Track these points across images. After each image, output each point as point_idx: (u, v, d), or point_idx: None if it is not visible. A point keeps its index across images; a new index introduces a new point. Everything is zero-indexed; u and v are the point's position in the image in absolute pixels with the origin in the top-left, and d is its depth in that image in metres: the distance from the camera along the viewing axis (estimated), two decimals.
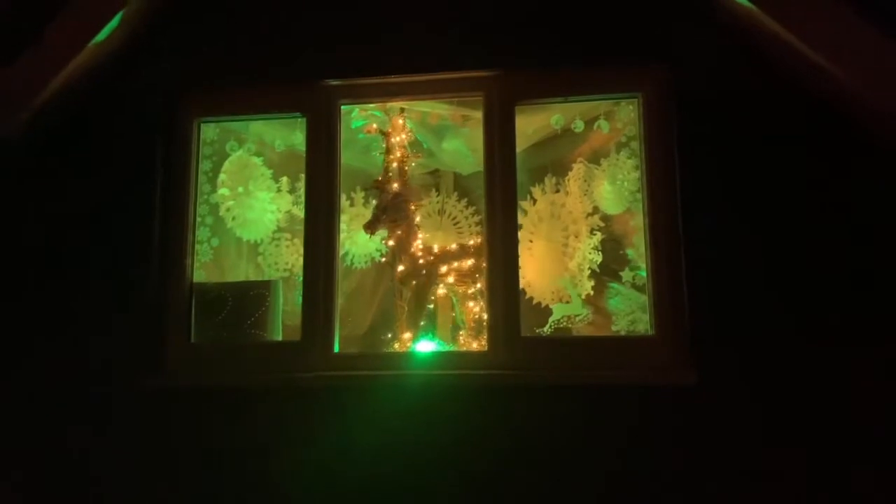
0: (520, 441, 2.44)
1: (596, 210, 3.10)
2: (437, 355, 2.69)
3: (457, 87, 2.75)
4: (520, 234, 3.37)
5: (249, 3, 2.79)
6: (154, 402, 2.60)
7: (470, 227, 3.72)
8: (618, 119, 2.85)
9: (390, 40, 2.70)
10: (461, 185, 3.97)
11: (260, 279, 3.18)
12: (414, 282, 3.00)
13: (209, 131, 2.94)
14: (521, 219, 3.39)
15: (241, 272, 3.28)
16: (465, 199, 3.75)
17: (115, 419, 2.59)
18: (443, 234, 3.81)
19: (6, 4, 2.56)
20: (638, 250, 2.91)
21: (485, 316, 3.07)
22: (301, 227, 3.19)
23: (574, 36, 2.61)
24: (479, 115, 2.95)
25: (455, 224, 3.80)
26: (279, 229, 3.31)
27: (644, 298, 2.74)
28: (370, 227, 2.95)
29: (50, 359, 2.64)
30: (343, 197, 3.63)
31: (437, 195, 3.97)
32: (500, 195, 2.64)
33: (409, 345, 2.93)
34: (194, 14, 2.79)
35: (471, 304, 3.29)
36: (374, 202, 3.15)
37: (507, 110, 2.67)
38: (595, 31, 2.60)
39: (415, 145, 3.50)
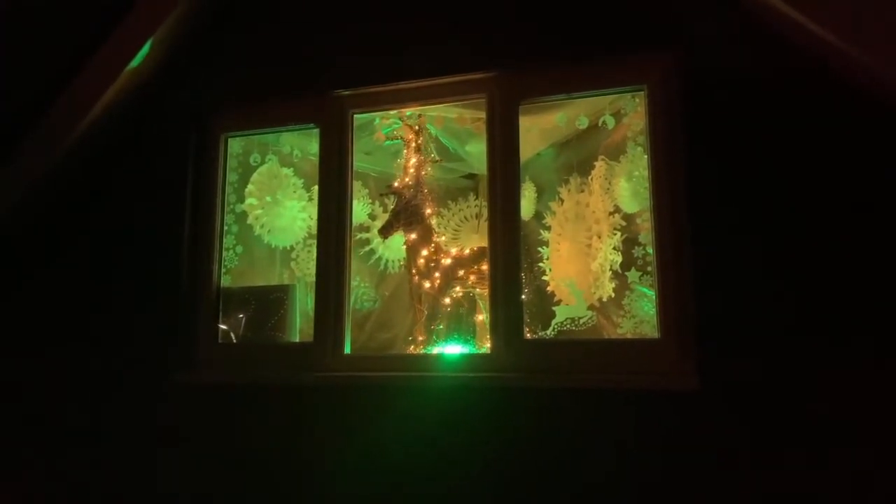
0: (521, 443, 2.41)
1: (617, 209, 2.99)
2: (441, 358, 2.70)
3: (461, 90, 2.75)
4: (549, 235, 3.37)
5: (267, 25, 2.95)
6: (183, 397, 2.80)
7: None
8: (629, 113, 2.73)
9: (395, 49, 2.75)
10: None
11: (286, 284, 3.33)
12: (427, 284, 3.02)
13: (234, 145, 3.13)
14: (549, 220, 3.37)
15: (274, 277, 3.44)
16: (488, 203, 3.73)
17: (147, 412, 2.82)
18: (479, 237, 3.82)
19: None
20: None
21: None
22: None
23: (575, 30, 2.54)
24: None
25: None
26: (311, 236, 3.44)
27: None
28: (384, 232, 3.01)
29: (90, 357, 2.91)
30: (375, 203, 3.77)
31: (476, 199, 3.99)
32: (503, 195, 2.62)
33: (422, 347, 2.95)
34: (216, 38, 3.00)
35: None
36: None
37: (510, 110, 2.65)
38: (597, 23, 2.51)
39: (442, 150, 3.54)
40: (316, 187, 3.46)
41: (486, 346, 3.29)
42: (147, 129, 3.03)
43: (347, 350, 2.74)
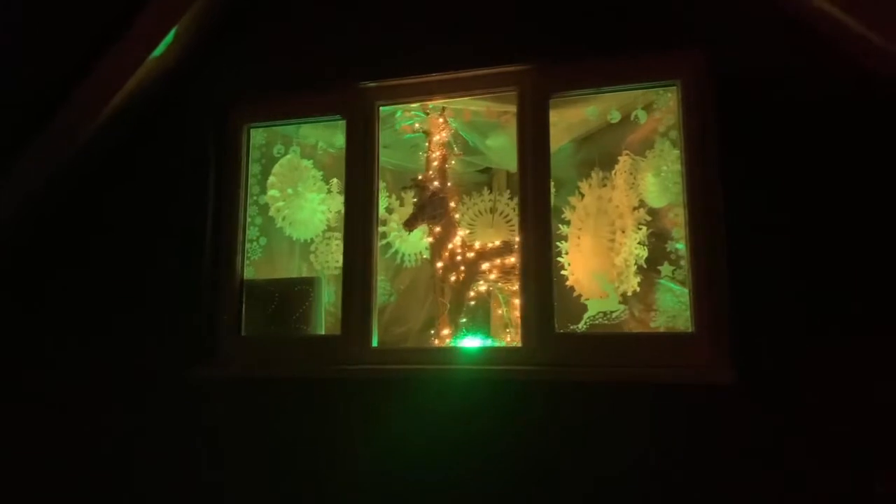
0: (553, 437, 2.41)
1: (642, 204, 2.99)
2: (472, 351, 2.69)
3: (491, 83, 2.74)
4: (568, 230, 3.36)
5: (292, 14, 2.92)
6: (206, 392, 2.77)
7: None
8: (660, 108, 2.73)
9: (424, 40, 2.74)
10: (514, 183, 3.95)
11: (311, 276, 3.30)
12: (452, 278, 3.01)
13: (258, 136, 3.10)
14: (569, 214, 3.36)
15: (293, 270, 3.41)
16: (518, 197, 3.72)
17: (169, 407, 2.79)
18: (494, 232, 3.80)
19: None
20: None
21: None
22: None
23: (607, 24, 2.54)
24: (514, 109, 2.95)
25: (507, 222, 3.78)
26: (329, 228, 3.42)
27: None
28: (409, 225, 3.00)
29: (111, 352, 2.88)
30: (392, 197, 3.74)
31: (490, 193, 3.98)
32: (533, 189, 2.62)
33: (447, 341, 2.94)
34: (241, 27, 2.97)
35: (517, 301, 3.26)
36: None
37: (541, 104, 2.65)
38: (628, 17, 2.51)
39: (461, 143, 3.52)
40: (335, 180, 3.47)
41: (503, 340, 3.30)
42: (169, 119, 2.98)
43: (375, 343, 2.73)
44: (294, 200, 3.26)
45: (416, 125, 3.25)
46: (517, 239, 3.31)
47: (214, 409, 2.77)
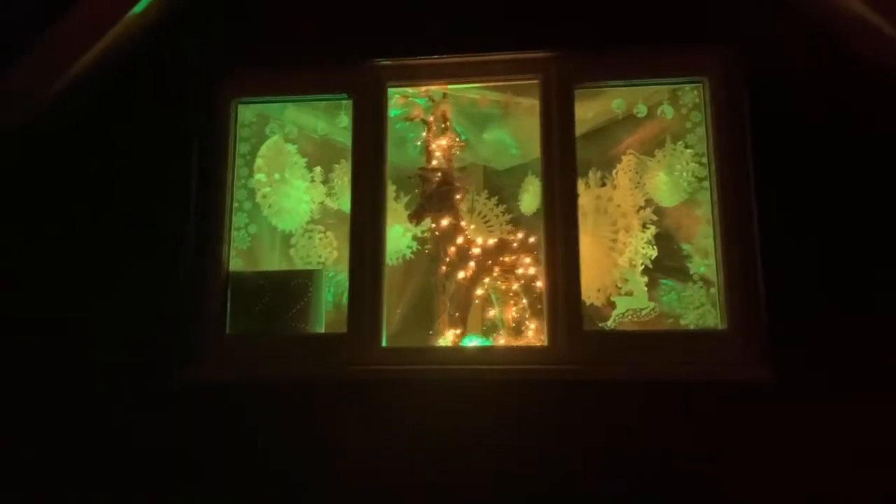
0: (582, 438, 2.31)
1: (649, 203, 2.96)
2: (495, 350, 2.54)
3: (512, 69, 2.62)
4: None
5: None
6: (187, 396, 2.43)
7: (501, 225, 3.58)
8: (685, 105, 2.72)
9: (442, 19, 2.58)
10: (491, 183, 3.84)
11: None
12: (461, 274, 2.84)
13: (247, 113, 2.79)
14: None
15: (273, 263, 3.09)
16: (496, 197, 3.62)
17: (147, 413, 2.43)
18: (474, 232, 3.67)
19: None
20: (696, 244, 2.79)
21: (525, 314, 2.96)
22: (334, 220, 3.09)
23: (636, 16, 2.51)
24: (527, 102, 2.86)
25: (486, 223, 3.66)
26: (312, 221, 3.13)
27: (705, 293, 2.63)
28: (415, 217, 2.81)
29: (82, 349, 2.47)
30: None
31: (467, 193, 3.84)
32: (559, 183, 2.52)
33: (457, 341, 2.76)
34: None
35: (512, 301, 3.13)
36: (405, 197, 3.05)
37: (565, 94, 2.56)
38: (658, 10, 2.49)
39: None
40: (318, 168, 3.19)
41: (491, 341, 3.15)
42: (149, 89, 2.63)
43: (384, 342, 2.51)
44: (280, 187, 2.96)
45: (418, 112, 3.06)
46: (510, 238, 3.22)
47: (195, 415, 2.42)
